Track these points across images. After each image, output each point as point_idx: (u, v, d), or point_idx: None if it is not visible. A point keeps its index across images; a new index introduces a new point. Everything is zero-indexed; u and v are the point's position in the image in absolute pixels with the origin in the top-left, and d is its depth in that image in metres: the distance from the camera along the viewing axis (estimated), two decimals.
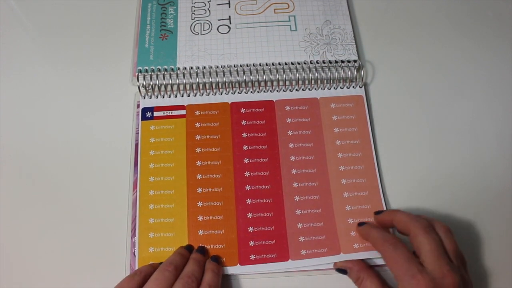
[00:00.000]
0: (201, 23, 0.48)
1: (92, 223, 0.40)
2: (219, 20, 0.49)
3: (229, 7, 0.49)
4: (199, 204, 0.40)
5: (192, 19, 0.49)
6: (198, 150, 0.42)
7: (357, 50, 0.47)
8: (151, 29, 0.48)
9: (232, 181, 0.41)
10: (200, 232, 0.39)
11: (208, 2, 0.50)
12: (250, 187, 0.41)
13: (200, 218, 0.39)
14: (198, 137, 0.43)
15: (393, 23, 0.50)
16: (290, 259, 0.38)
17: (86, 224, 0.40)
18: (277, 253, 0.38)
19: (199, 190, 0.40)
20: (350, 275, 0.37)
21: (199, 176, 0.41)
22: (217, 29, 0.48)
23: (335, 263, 0.38)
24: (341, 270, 0.37)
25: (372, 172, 0.42)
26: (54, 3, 0.51)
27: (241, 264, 0.38)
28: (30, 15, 0.50)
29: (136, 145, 0.42)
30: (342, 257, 0.38)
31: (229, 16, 0.49)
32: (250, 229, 0.39)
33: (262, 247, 0.38)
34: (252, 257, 0.38)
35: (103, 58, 0.47)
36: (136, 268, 0.38)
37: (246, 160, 0.42)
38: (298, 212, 0.40)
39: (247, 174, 0.41)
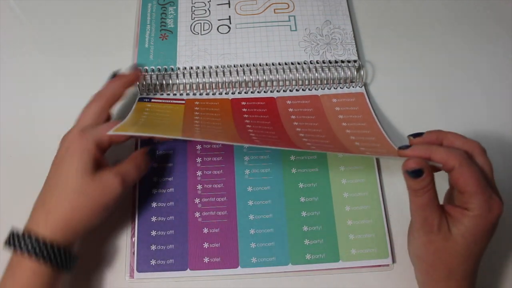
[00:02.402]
0: (201, 23, 0.48)
1: None
2: (219, 20, 0.49)
3: (229, 7, 0.49)
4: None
5: (192, 19, 0.49)
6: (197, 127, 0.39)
7: (357, 50, 0.47)
8: (151, 29, 0.48)
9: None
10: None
11: (208, 2, 0.50)
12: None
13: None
14: (197, 116, 0.41)
15: (393, 23, 0.50)
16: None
17: None
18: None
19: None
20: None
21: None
22: (217, 29, 0.48)
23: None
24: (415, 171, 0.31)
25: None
26: (54, 3, 0.51)
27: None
28: (30, 15, 0.50)
29: (136, 144, 0.42)
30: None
31: (229, 16, 0.49)
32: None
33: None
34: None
35: (103, 58, 0.47)
36: (136, 269, 0.38)
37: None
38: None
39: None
